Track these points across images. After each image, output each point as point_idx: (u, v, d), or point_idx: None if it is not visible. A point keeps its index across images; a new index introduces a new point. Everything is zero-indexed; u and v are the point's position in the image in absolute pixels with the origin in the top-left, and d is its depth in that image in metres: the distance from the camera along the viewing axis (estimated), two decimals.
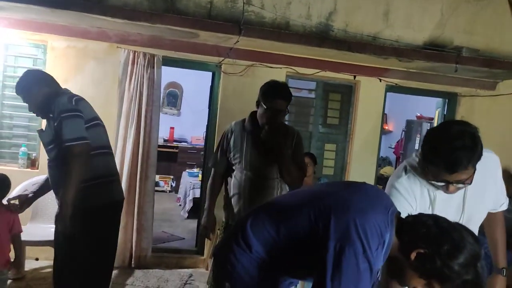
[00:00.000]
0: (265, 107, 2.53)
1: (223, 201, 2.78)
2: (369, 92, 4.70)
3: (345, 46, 3.80)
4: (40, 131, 2.49)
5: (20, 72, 4.07)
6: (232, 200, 2.66)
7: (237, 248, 1.52)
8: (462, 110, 4.90)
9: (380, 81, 4.65)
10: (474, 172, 1.58)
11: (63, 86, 3.97)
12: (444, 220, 1.37)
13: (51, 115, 2.36)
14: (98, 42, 4.02)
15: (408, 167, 1.77)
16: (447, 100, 5.01)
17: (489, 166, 1.77)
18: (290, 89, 4.60)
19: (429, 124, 6.78)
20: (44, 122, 2.60)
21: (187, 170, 7.00)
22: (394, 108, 7.98)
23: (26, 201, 2.68)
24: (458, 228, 1.33)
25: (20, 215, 3.61)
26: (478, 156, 1.54)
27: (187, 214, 6.09)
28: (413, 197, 1.71)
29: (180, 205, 6.58)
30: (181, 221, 5.97)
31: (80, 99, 2.49)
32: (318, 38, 3.80)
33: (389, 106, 5.18)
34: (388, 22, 4.00)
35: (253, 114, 2.69)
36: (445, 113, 5.03)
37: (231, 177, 2.68)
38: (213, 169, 2.81)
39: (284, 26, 3.78)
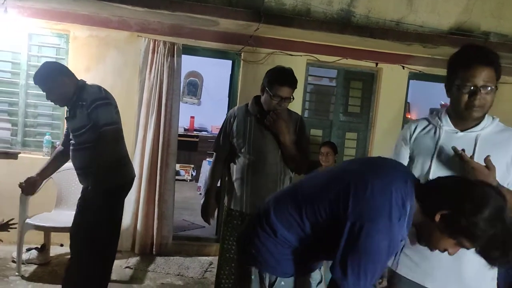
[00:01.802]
0: (271, 93, 2.52)
1: (226, 185, 2.80)
2: (392, 80, 4.61)
3: (367, 33, 3.73)
4: (70, 118, 2.67)
5: (43, 62, 4.16)
6: (235, 184, 2.67)
7: (262, 232, 1.54)
8: None
9: (403, 68, 4.55)
10: (496, 80, 1.64)
11: (85, 75, 4.07)
12: (464, 179, 1.40)
13: (82, 103, 2.59)
14: (119, 31, 4.05)
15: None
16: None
17: (505, 142, 1.73)
18: (311, 77, 4.64)
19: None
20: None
21: (207, 159, 7.03)
22: (417, 96, 7.79)
23: (33, 183, 2.86)
24: (479, 184, 1.34)
25: (45, 202, 3.73)
26: (499, 65, 1.65)
27: (204, 198, 6.10)
28: (412, 131, 1.84)
29: (200, 194, 6.63)
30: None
31: (105, 89, 2.75)
32: (339, 24, 3.73)
33: (412, 94, 5.05)
34: (412, 7, 3.89)
35: (257, 98, 2.68)
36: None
37: (234, 161, 2.69)
38: (215, 154, 2.84)
39: (304, 12, 3.72)
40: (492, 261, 1.32)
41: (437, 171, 1.72)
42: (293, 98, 2.63)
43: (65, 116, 2.75)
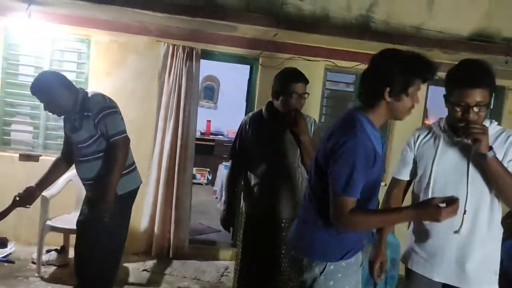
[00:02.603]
0: (288, 93, 2.52)
1: (243, 190, 2.79)
2: None
3: (386, 38, 3.70)
4: (75, 130, 2.54)
5: (66, 66, 4.25)
6: (253, 189, 2.67)
7: (307, 225, 1.80)
8: (510, 104, 4.68)
9: None
10: (490, 101, 1.78)
11: (105, 79, 4.14)
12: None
13: (88, 114, 2.50)
14: (139, 36, 4.11)
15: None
16: (493, 94, 4.78)
17: (502, 143, 1.85)
18: (328, 82, 4.63)
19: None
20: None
21: (223, 163, 7.05)
22: (435, 102, 7.70)
23: (32, 194, 2.68)
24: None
25: (65, 204, 3.79)
26: (493, 83, 1.80)
27: (223, 207, 6.12)
28: (415, 139, 2.01)
29: (216, 197, 6.65)
30: (217, 214, 5.96)
31: (109, 97, 2.65)
32: (358, 30, 3.73)
33: (430, 100, 5.01)
34: (432, 12, 3.87)
35: (271, 104, 2.68)
36: (491, 107, 4.81)
37: (251, 167, 2.69)
38: (231, 161, 2.85)
39: (323, 18, 3.73)
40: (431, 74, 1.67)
41: (437, 174, 1.89)
42: (309, 94, 2.63)
43: (67, 128, 2.62)
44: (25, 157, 4.11)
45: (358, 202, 1.64)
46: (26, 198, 2.65)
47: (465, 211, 1.81)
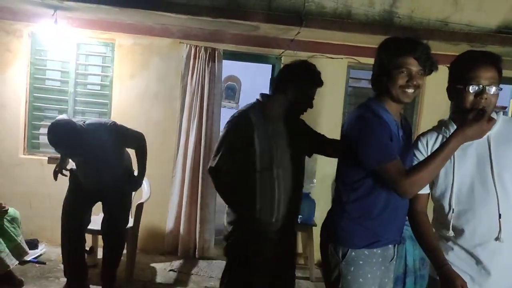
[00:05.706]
0: (308, 95, 2.35)
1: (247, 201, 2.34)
2: (437, 81, 4.33)
3: (411, 33, 3.62)
4: (99, 153, 3.04)
5: (90, 70, 4.32)
6: (261, 207, 2.27)
7: (336, 213, 1.90)
8: None
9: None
10: (499, 79, 1.66)
11: (129, 82, 4.20)
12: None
13: (109, 139, 3.04)
14: (162, 38, 4.15)
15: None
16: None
17: None
18: (350, 79, 4.57)
19: (501, 113, 6.34)
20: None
21: None
22: None
23: None
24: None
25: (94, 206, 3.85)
26: (501, 68, 1.68)
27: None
28: (424, 145, 1.81)
29: None
30: None
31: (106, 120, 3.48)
32: (382, 26, 3.67)
33: None
34: (457, 5, 3.77)
35: (271, 99, 2.36)
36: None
37: (253, 177, 2.26)
38: (214, 172, 2.36)
39: (345, 15, 3.68)
40: (428, 60, 1.78)
41: (460, 180, 1.69)
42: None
43: (88, 156, 3.04)
44: (53, 160, 4.17)
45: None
46: None
47: (500, 215, 1.62)
